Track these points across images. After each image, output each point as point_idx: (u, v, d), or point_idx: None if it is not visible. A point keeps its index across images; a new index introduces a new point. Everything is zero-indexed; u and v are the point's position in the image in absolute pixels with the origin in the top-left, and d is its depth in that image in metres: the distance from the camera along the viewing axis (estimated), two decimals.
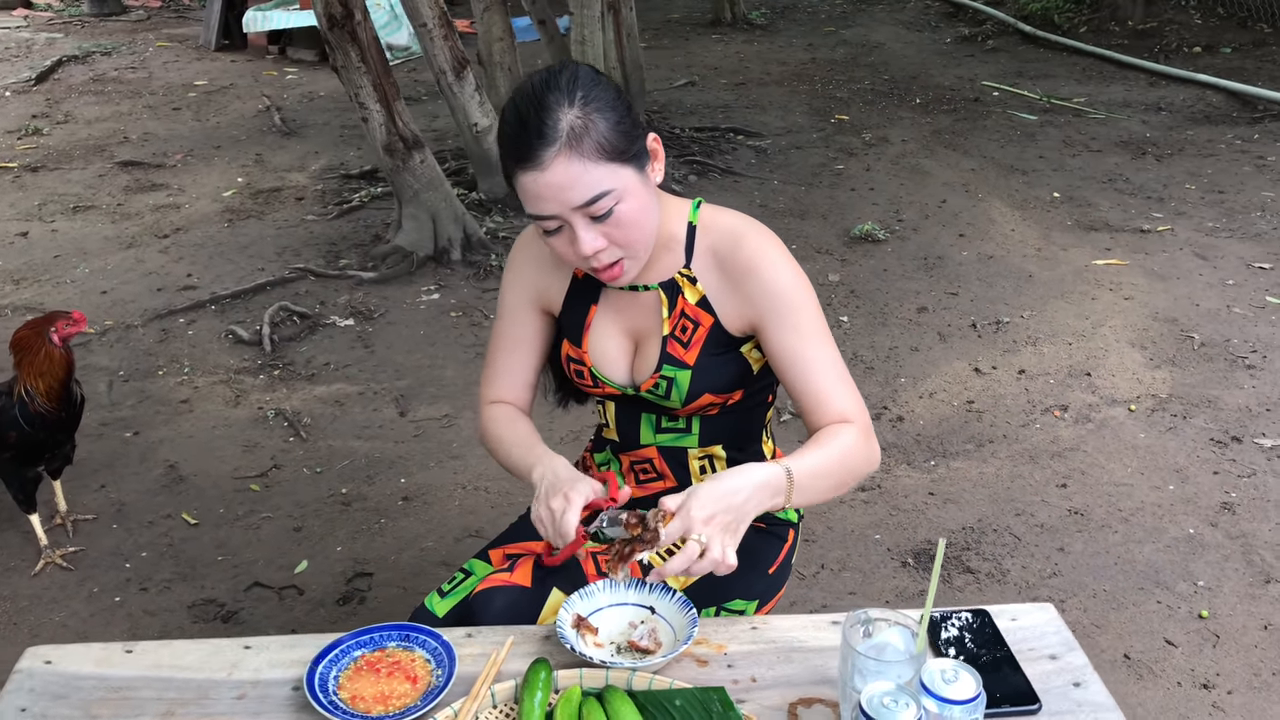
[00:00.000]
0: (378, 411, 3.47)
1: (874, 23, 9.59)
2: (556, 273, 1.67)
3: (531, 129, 1.40)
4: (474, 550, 2.75)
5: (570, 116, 1.40)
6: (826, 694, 1.43)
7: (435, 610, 1.70)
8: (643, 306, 1.62)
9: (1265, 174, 5.35)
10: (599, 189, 1.41)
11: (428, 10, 4.57)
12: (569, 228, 1.44)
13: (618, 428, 1.75)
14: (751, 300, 1.56)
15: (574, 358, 1.67)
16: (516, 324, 1.71)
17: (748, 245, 1.57)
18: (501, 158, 1.47)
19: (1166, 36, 8.30)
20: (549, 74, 1.45)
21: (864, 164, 5.75)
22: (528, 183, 1.41)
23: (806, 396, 1.55)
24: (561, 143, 1.39)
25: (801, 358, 1.55)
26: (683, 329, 1.60)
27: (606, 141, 1.41)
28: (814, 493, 1.48)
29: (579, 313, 1.66)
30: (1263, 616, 2.49)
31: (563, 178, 1.39)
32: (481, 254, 4.56)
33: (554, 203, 1.41)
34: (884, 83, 7.49)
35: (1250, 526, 2.80)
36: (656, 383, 1.61)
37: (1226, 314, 3.95)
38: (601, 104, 1.42)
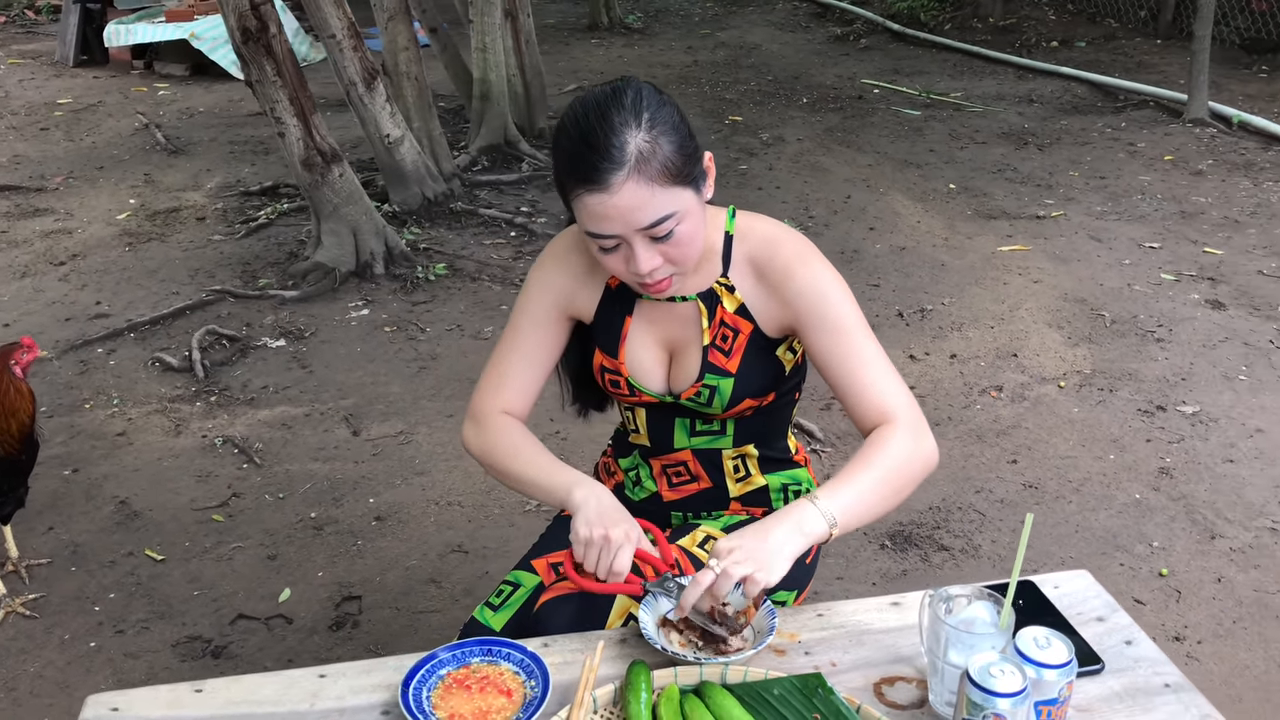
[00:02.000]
0: (329, 432, 3.40)
1: (747, 24, 9.81)
2: (590, 281, 1.67)
3: (599, 151, 1.38)
4: (460, 566, 2.75)
5: (638, 139, 1.39)
6: (906, 672, 1.49)
7: (490, 623, 1.69)
8: (679, 317, 1.64)
9: (1138, 160, 5.71)
10: (664, 212, 1.42)
11: (336, 21, 4.48)
12: (627, 246, 1.45)
13: (649, 433, 1.76)
14: (790, 304, 1.58)
15: (609, 368, 1.67)
16: (538, 330, 1.68)
17: (784, 250, 1.59)
18: (560, 175, 1.46)
19: (1026, 32, 8.76)
20: (614, 92, 1.45)
21: (766, 163, 5.89)
22: (592, 204, 1.41)
23: (851, 394, 1.57)
24: (630, 166, 1.38)
25: (844, 356, 1.57)
26: (723, 338, 1.62)
27: (672, 164, 1.41)
28: (863, 516, 1.49)
29: (614, 323, 1.66)
30: (1214, 570, 2.68)
31: (631, 201, 1.39)
32: (405, 267, 4.50)
33: (619, 224, 1.42)
34: (769, 83, 7.67)
35: (1188, 488, 3.01)
36: (699, 391, 1.63)
37: (1129, 292, 4.21)
38: (666, 126, 1.42)
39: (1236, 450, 3.17)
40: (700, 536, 1.74)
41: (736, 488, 1.78)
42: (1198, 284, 4.26)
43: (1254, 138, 5.90)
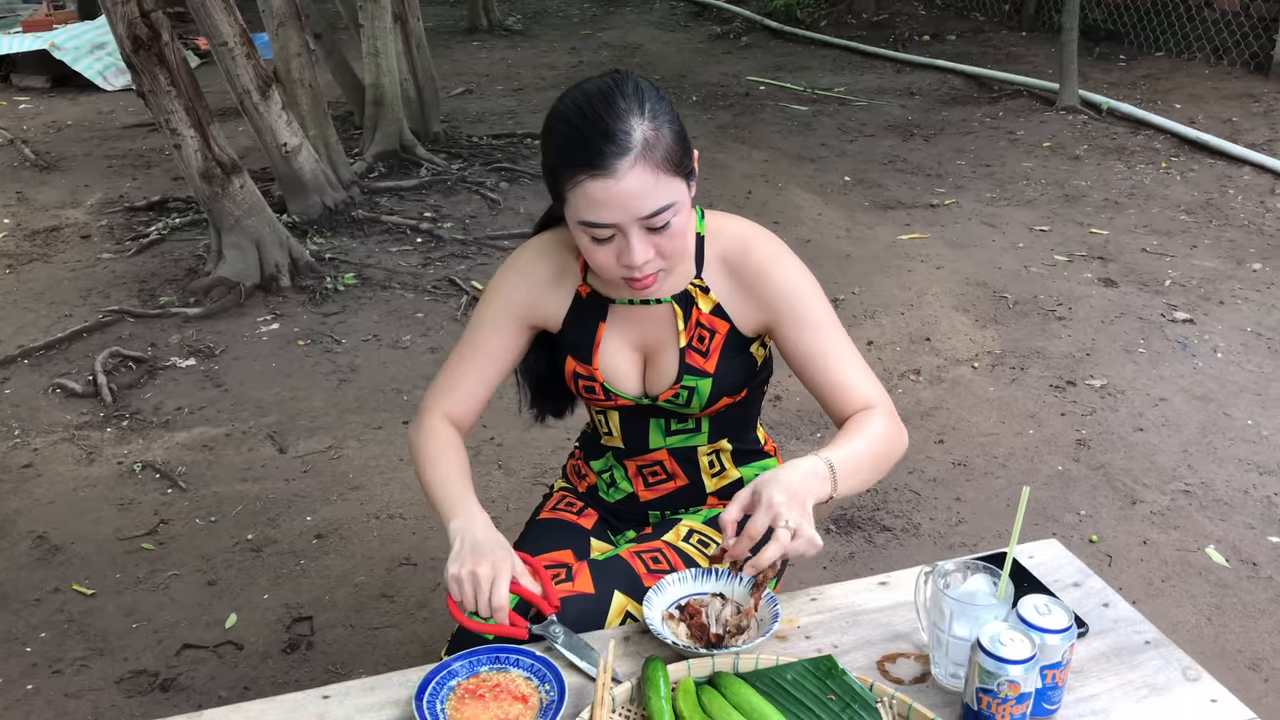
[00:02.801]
0: (254, 451, 3.29)
1: (627, 24, 9.86)
2: (555, 291, 1.65)
3: (607, 136, 1.38)
4: (410, 579, 2.71)
5: (643, 127, 1.39)
6: (905, 648, 1.53)
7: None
8: (654, 319, 1.64)
9: (1019, 147, 5.96)
10: (665, 201, 1.42)
11: (227, 28, 4.34)
12: (621, 237, 1.44)
13: (623, 435, 1.75)
14: (764, 303, 1.60)
15: (583, 374, 1.66)
16: (494, 336, 1.66)
17: (756, 249, 1.61)
18: (555, 163, 1.43)
19: (898, 27, 9.04)
20: (613, 81, 1.44)
21: None
22: (594, 190, 1.39)
23: (827, 388, 1.60)
24: (636, 153, 1.38)
25: (819, 352, 1.60)
26: (700, 338, 1.63)
27: (672, 154, 1.42)
28: (855, 481, 1.51)
29: (586, 331, 1.65)
30: (1139, 534, 2.83)
31: (636, 187, 1.39)
32: (313, 278, 4.39)
33: (620, 211, 1.41)
34: (656, 82, 7.60)
35: (1105, 458, 3.16)
36: (677, 393, 1.64)
37: (1026, 274, 4.40)
38: (667, 116, 1.43)
39: (1145, 419, 3.34)
40: (684, 531, 1.75)
41: (712, 483, 1.80)
42: (1089, 263, 4.47)
43: (1123, 123, 6.22)
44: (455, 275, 4.48)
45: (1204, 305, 4.06)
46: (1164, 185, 5.30)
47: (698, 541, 1.75)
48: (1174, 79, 7.01)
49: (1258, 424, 3.29)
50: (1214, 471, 3.07)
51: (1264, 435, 3.23)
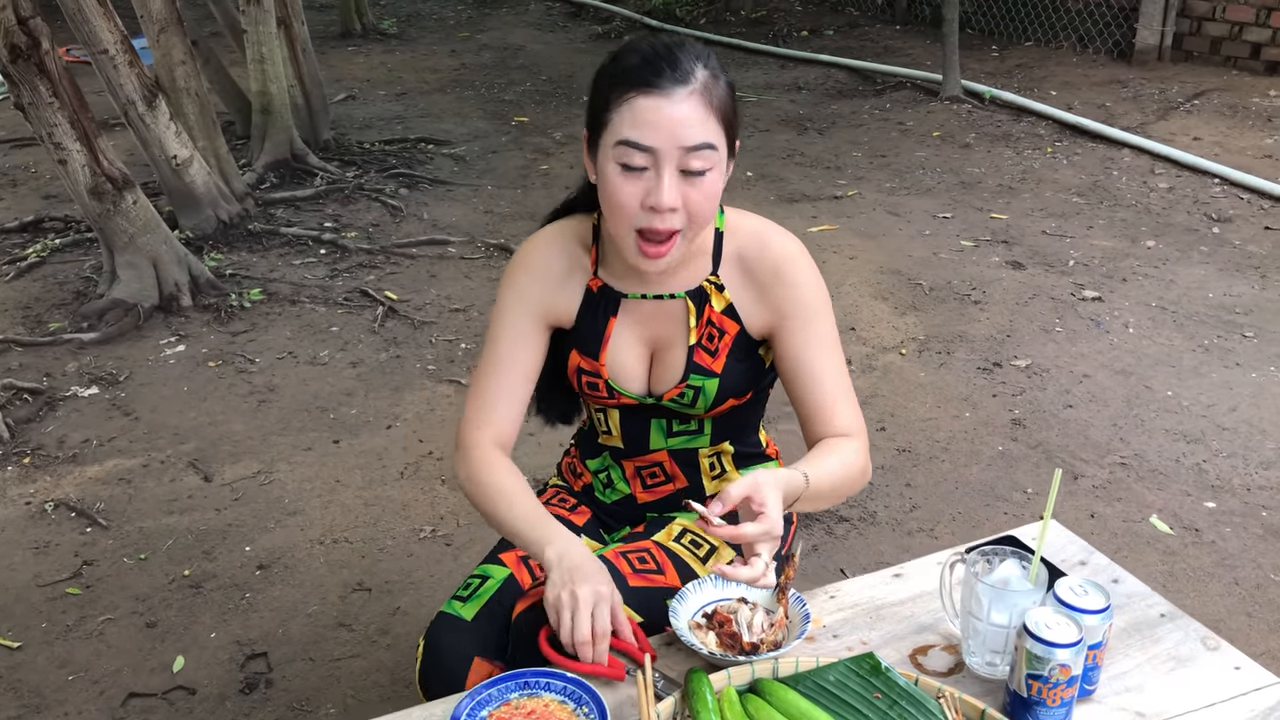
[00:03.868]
0: (177, 481, 3.10)
1: (505, 26, 9.73)
2: (567, 285, 1.61)
3: (669, 63, 1.39)
4: (367, 604, 2.60)
5: (704, 72, 1.41)
6: (934, 639, 1.52)
7: (461, 614, 1.60)
8: (666, 315, 1.60)
9: (910, 137, 6.09)
10: (709, 139, 1.40)
11: (107, 35, 4.09)
12: (654, 173, 1.40)
13: (624, 435, 1.71)
14: (775, 304, 1.57)
15: (587, 370, 1.62)
16: (519, 346, 1.60)
17: (774, 248, 1.58)
18: (608, 85, 1.42)
19: (777, 23, 9.15)
20: (680, 38, 1.46)
21: (566, 163, 5.87)
22: (645, 107, 1.38)
23: (811, 405, 1.57)
24: (695, 88, 1.40)
25: (814, 367, 1.57)
26: (710, 337, 1.59)
27: (726, 107, 1.44)
28: (820, 501, 1.49)
29: (596, 325, 1.61)
30: (1086, 508, 2.90)
31: (687, 114, 1.38)
32: (216, 296, 4.18)
33: (665, 134, 1.38)
34: (544, 83, 7.65)
35: (1041, 436, 3.24)
36: (682, 392, 1.60)
37: (937, 260, 4.49)
38: (726, 78, 1.45)
39: (1072, 396, 3.44)
40: (676, 530, 1.71)
41: (712, 485, 1.76)
42: (994, 247, 4.59)
43: (1005, 111, 6.42)
44: (366, 286, 4.32)
45: (1109, 283, 4.21)
46: (1052, 169, 5.49)
47: (690, 542, 1.70)
48: (1045, 67, 7.28)
49: (1177, 394, 3.42)
50: (1145, 443, 3.17)
51: (1184, 405, 3.36)
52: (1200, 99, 6.38)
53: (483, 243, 4.77)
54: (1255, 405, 3.34)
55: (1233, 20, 6.93)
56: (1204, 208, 4.91)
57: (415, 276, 4.45)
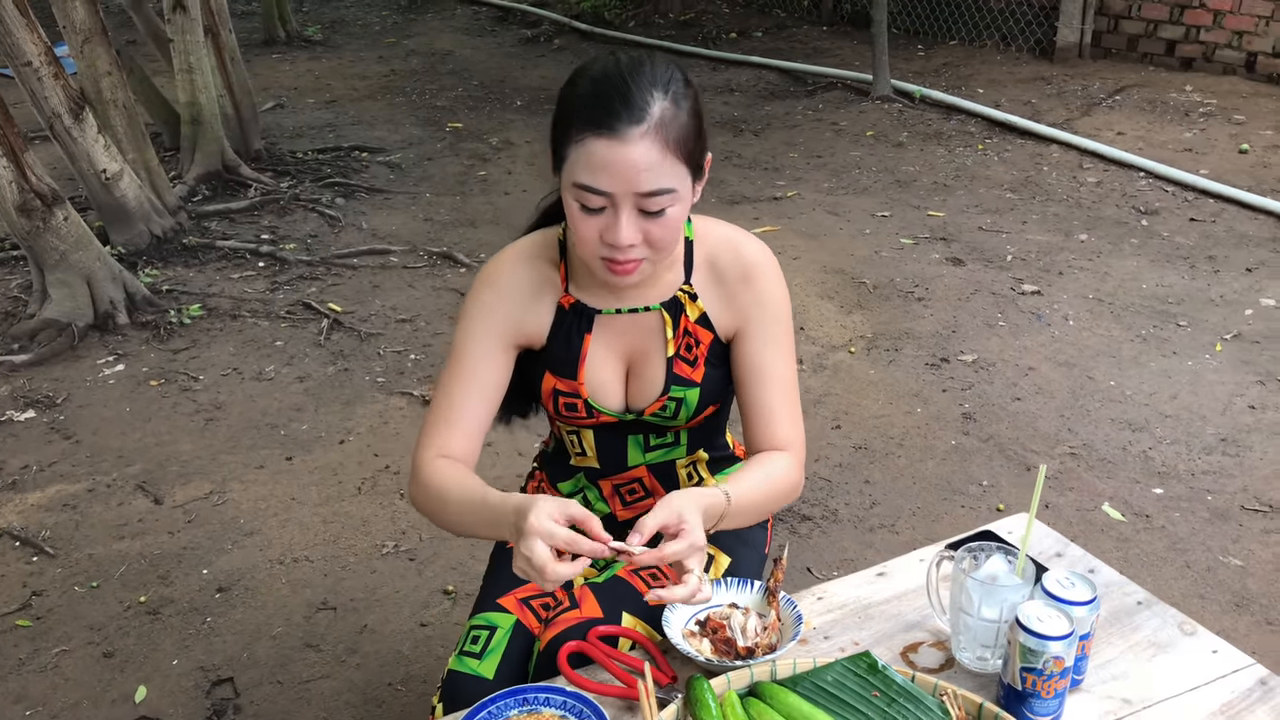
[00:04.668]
0: (125, 506, 3.02)
1: (432, 31, 9.65)
2: (537, 304, 1.57)
3: (624, 100, 1.33)
4: (333, 624, 2.56)
5: (663, 103, 1.35)
6: (923, 637, 1.54)
7: (481, 672, 1.55)
8: (642, 328, 1.58)
9: (844, 137, 6.17)
10: (666, 184, 1.36)
11: (31, 47, 3.96)
12: (612, 211, 1.38)
13: (600, 454, 1.68)
14: (740, 307, 1.57)
15: (565, 390, 1.58)
16: (483, 364, 1.55)
17: (746, 255, 1.57)
18: (565, 118, 1.38)
19: (705, 25, 9.21)
20: (641, 57, 1.40)
21: (504, 168, 5.84)
22: (599, 150, 1.33)
23: (757, 409, 1.58)
24: (651, 125, 1.33)
25: (766, 371, 1.57)
26: (687, 347, 1.58)
27: (685, 139, 1.38)
28: (744, 519, 1.49)
29: (571, 345, 1.57)
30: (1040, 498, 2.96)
31: (641, 159, 1.33)
32: (153, 313, 4.07)
33: (620, 180, 1.34)
34: (476, 88, 7.60)
35: (992, 429, 3.30)
36: (664, 405, 1.59)
37: (879, 258, 4.55)
38: (689, 102, 1.39)
39: (1019, 389, 3.51)
40: None
41: None
42: (933, 244, 4.67)
43: (935, 109, 6.53)
44: (309, 298, 4.25)
45: (1046, 277, 4.31)
46: (984, 166, 5.60)
47: None
48: (971, 65, 7.42)
49: (1120, 384, 3.51)
50: (1092, 432, 3.25)
51: (1127, 394, 3.45)
52: (1121, 95, 6.56)
53: (425, 251, 4.72)
54: (1193, 393, 3.45)
55: (1148, 18, 7.14)
56: (1132, 201, 5.05)
57: (358, 287, 4.39)
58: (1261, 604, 2.55)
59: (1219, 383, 3.49)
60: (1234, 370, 3.56)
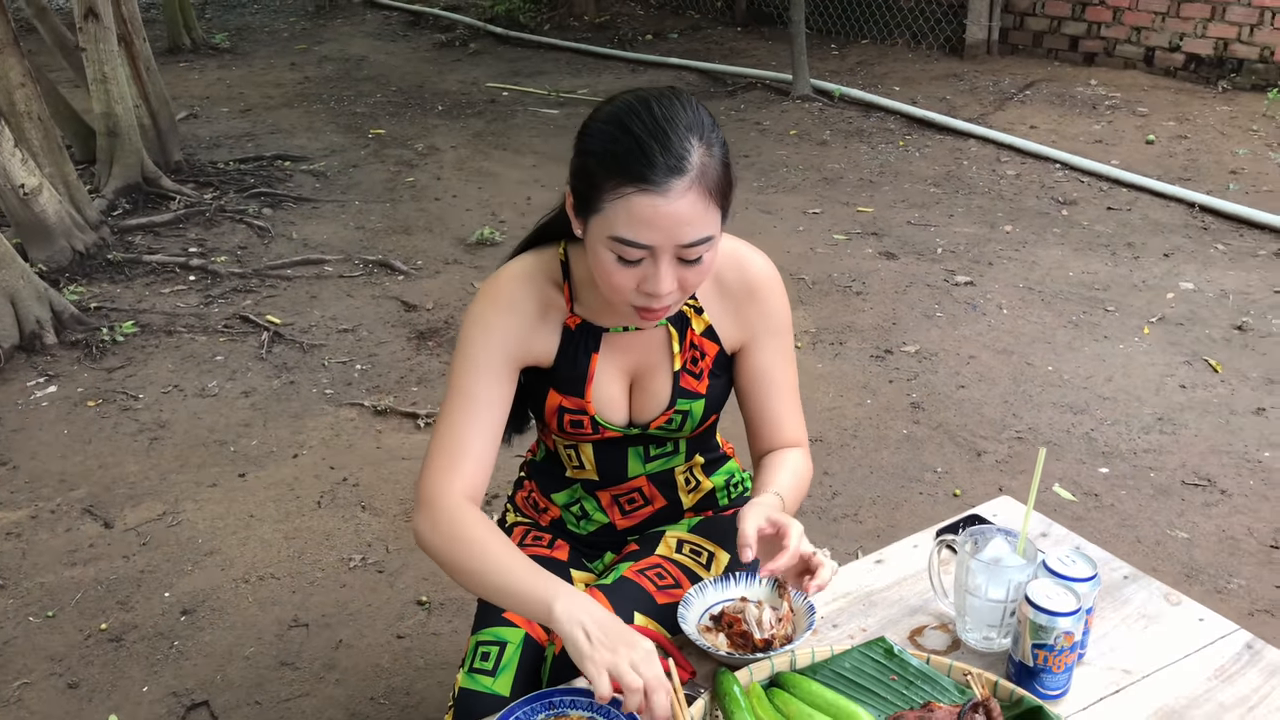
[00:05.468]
0: (74, 531, 2.92)
1: (343, 37, 9.51)
2: (544, 325, 1.54)
3: (666, 151, 1.30)
4: (307, 641, 2.53)
5: (700, 151, 1.32)
6: (927, 620, 1.59)
7: (496, 690, 1.53)
8: (648, 344, 1.59)
9: (769, 136, 6.26)
10: (707, 233, 1.35)
11: None
12: (651, 263, 1.36)
13: (599, 467, 1.68)
14: (749, 320, 1.59)
15: (571, 408, 1.58)
16: (491, 388, 1.51)
17: (751, 268, 1.60)
18: (601, 170, 1.33)
19: (621, 27, 9.24)
20: (671, 99, 1.35)
21: (431, 173, 5.78)
22: (642, 207, 1.30)
23: (767, 416, 1.63)
24: (693, 176, 1.30)
25: (775, 378, 1.62)
26: (693, 360, 1.59)
27: (721, 185, 1.36)
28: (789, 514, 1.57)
29: (579, 364, 1.56)
30: (993, 481, 3.06)
31: (686, 213, 1.31)
32: (83, 331, 3.94)
33: (662, 234, 1.32)
34: (394, 94, 7.51)
35: (941, 417, 3.39)
36: (670, 418, 1.60)
37: (814, 255, 4.63)
38: (720, 145, 1.37)
39: (962, 377, 3.61)
40: (673, 543, 1.73)
41: (689, 499, 1.77)
42: (866, 240, 4.77)
43: (855, 107, 6.67)
44: (245, 311, 4.16)
45: (977, 268, 4.43)
46: (907, 162, 5.73)
47: (690, 551, 1.72)
48: (885, 63, 7.59)
49: (1057, 369, 3.64)
50: (1036, 417, 3.37)
51: (1065, 379, 3.58)
52: (1031, 89, 6.78)
53: (360, 260, 4.65)
54: (1127, 375, 3.59)
55: (1051, 15, 7.39)
56: (1050, 191, 5.23)
57: (295, 298, 4.31)
58: (1210, 574, 2.67)
59: (1150, 364, 3.64)
60: (1163, 352, 3.71)
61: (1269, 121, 5.99)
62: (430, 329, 4.05)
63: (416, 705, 2.32)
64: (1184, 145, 5.71)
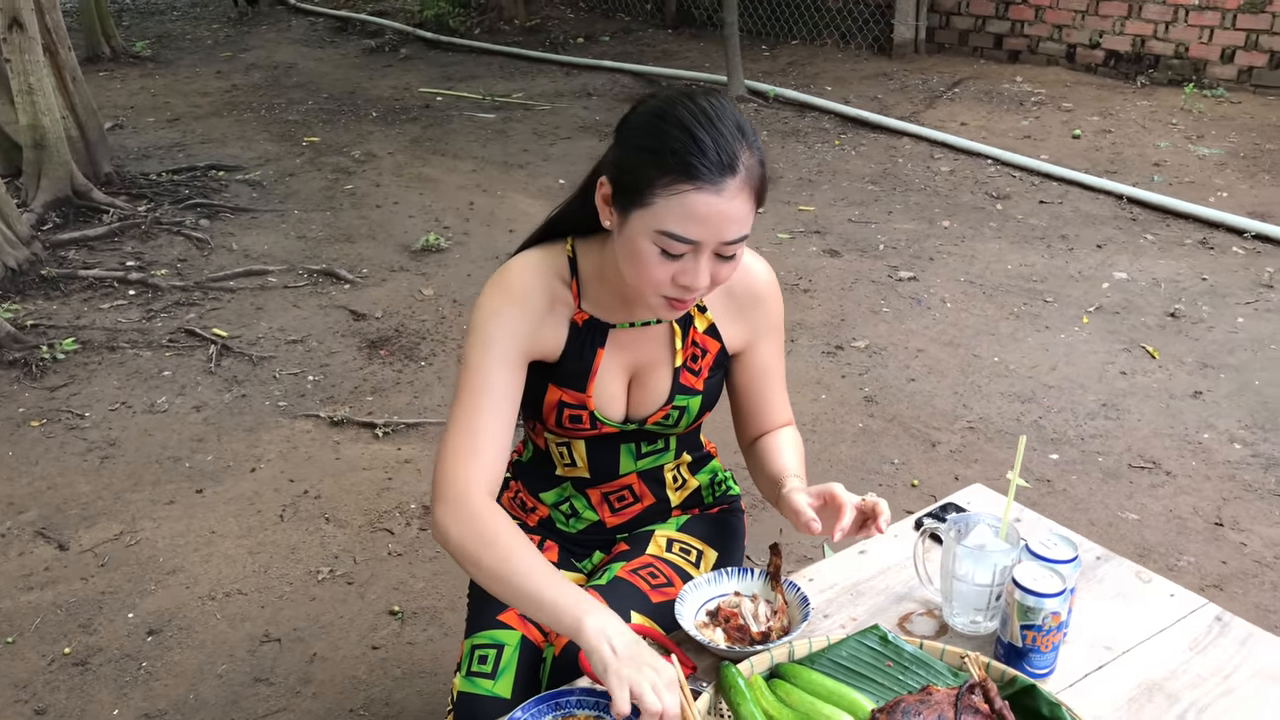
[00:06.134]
0: (27, 555, 2.85)
1: (268, 44, 9.37)
2: (551, 319, 1.56)
3: (722, 150, 1.34)
4: (281, 655, 2.51)
5: (746, 153, 1.37)
6: (913, 607, 1.63)
7: (497, 692, 1.54)
8: (651, 340, 1.61)
9: None
10: (745, 232, 1.40)
11: None
12: (692, 257, 1.39)
13: (591, 464, 1.70)
14: (754, 324, 1.65)
15: (572, 403, 1.60)
16: (504, 379, 1.51)
17: (753, 274, 1.64)
18: (654, 165, 1.35)
19: (552, 31, 9.24)
20: (719, 99, 1.40)
21: (371, 180, 5.73)
22: (697, 204, 1.34)
23: (763, 404, 1.72)
24: (741, 176, 1.36)
25: (773, 370, 1.71)
26: (694, 357, 1.63)
27: (761, 188, 1.42)
28: None
29: (584, 359, 1.59)
30: (949, 471, 3.13)
31: (737, 211, 1.36)
32: (21, 350, 3.84)
33: (712, 230, 1.36)
34: (326, 101, 7.42)
35: (894, 409, 3.46)
36: (668, 414, 1.63)
37: (760, 253, 4.66)
38: (759, 151, 1.42)
39: (912, 370, 3.69)
40: (663, 542, 1.75)
41: (676, 496, 1.80)
42: (809, 238, 4.84)
43: (789, 107, 6.75)
44: (190, 325, 4.09)
45: (919, 263, 4.53)
46: (844, 160, 5.83)
47: (680, 550, 1.75)
48: (815, 64, 7.70)
49: (1003, 360, 3.73)
50: (985, 407, 3.45)
51: (1011, 369, 3.68)
52: (959, 87, 6.93)
53: (304, 270, 4.60)
54: (1070, 363, 3.70)
55: (976, 14, 7.56)
56: (984, 187, 5.36)
57: (240, 310, 4.25)
58: (1160, 552, 2.77)
59: (1091, 352, 3.75)
60: (1102, 340, 3.84)
61: (1187, 115, 6.21)
62: (381, 338, 4.02)
63: (396, 715, 2.31)
64: (1109, 139, 5.89)
